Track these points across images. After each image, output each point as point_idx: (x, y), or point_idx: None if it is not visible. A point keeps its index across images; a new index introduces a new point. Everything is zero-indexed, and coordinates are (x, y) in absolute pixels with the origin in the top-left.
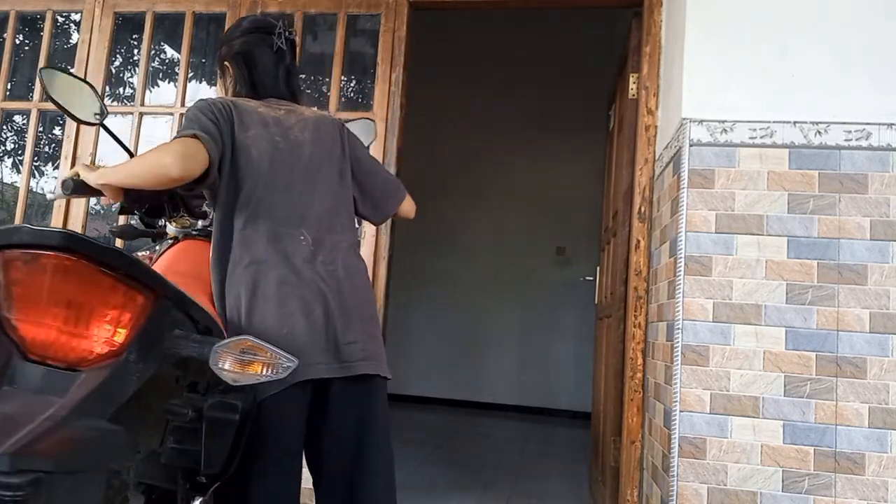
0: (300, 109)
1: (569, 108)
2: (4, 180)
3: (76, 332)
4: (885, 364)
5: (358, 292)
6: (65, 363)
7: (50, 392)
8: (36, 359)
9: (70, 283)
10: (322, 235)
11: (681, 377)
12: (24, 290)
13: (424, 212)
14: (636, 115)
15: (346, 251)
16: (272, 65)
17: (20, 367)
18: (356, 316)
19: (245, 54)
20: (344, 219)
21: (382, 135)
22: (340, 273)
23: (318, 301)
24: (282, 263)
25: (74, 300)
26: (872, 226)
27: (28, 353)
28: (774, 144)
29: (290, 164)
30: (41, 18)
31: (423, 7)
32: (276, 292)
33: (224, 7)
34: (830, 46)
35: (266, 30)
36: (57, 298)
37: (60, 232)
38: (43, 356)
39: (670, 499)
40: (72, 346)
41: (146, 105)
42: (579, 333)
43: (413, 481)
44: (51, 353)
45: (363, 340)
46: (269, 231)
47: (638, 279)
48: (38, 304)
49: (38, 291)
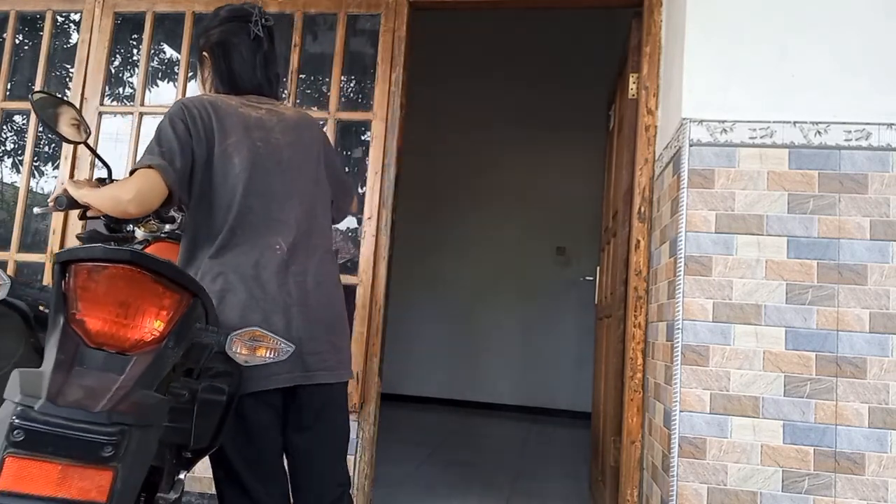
0: (280, 108)
1: (569, 108)
2: (4, 180)
3: (128, 325)
4: (885, 364)
5: (325, 303)
6: (119, 349)
7: (111, 371)
8: (95, 346)
9: (126, 288)
10: (298, 240)
11: (681, 377)
12: (89, 294)
13: (424, 212)
14: (636, 115)
15: (322, 256)
16: (251, 53)
17: (86, 352)
18: (321, 327)
19: (224, 44)
20: (321, 221)
21: (382, 135)
22: (310, 284)
23: (279, 314)
24: (250, 277)
25: (127, 300)
26: (872, 226)
27: (91, 341)
28: (774, 144)
29: (270, 169)
30: (41, 18)
31: (423, 7)
32: (240, 303)
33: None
34: (830, 46)
35: (244, 18)
36: (114, 299)
37: (128, 250)
38: (101, 343)
39: (670, 499)
40: (126, 336)
41: (146, 105)
42: (579, 333)
43: (413, 481)
44: (108, 341)
45: (325, 350)
46: (245, 240)
47: (638, 279)
48: (99, 303)
49: (100, 294)
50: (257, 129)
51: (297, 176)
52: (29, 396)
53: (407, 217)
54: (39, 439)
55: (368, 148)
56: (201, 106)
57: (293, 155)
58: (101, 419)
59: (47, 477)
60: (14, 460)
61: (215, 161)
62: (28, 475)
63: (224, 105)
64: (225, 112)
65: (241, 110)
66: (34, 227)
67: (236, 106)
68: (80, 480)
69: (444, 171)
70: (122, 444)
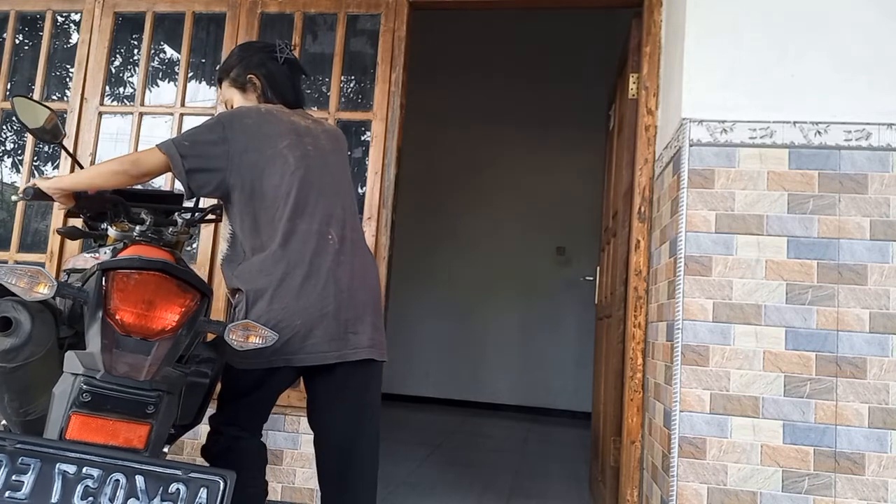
0: (320, 121)
1: (569, 108)
2: (4, 180)
3: (153, 317)
4: (885, 364)
5: (367, 288)
6: (145, 336)
7: (140, 352)
8: (125, 333)
9: (153, 289)
10: (345, 233)
11: (681, 377)
12: (124, 294)
13: (424, 212)
14: (636, 115)
15: (362, 247)
16: (287, 79)
17: (121, 338)
18: (367, 310)
19: (267, 69)
20: (357, 218)
21: (382, 135)
22: (357, 270)
23: (331, 298)
24: (307, 263)
25: (153, 299)
26: (872, 226)
27: (122, 330)
28: (774, 144)
29: (320, 169)
30: (41, 18)
31: (423, 7)
32: (298, 287)
33: (224, 7)
34: (830, 46)
35: (272, 50)
36: (143, 298)
37: (161, 260)
38: (131, 332)
39: (670, 499)
40: (150, 326)
41: (146, 105)
42: (579, 333)
43: (413, 481)
44: (137, 331)
45: (370, 331)
46: (305, 230)
47: (638, 279)
48: (131, 301)
49: (132, 294)
50: (307, 136)
51: (339, 177)
52: (90, 369)
53: (407, 217)
54: (101, 400)
55: (368, 148)
56: (253, 115)
57: (335, 159)
58: (145, 385)
59: (102, 429)
60: (78, 417)
61: (268, 160)
62: (88, 428)
63: (279, 113)
64: (279, 119)
65: (293, 118)
66: (34, 227)
67: (289, 114)
68: (126, 432)
69: (444, 171)
70: (159, 405)
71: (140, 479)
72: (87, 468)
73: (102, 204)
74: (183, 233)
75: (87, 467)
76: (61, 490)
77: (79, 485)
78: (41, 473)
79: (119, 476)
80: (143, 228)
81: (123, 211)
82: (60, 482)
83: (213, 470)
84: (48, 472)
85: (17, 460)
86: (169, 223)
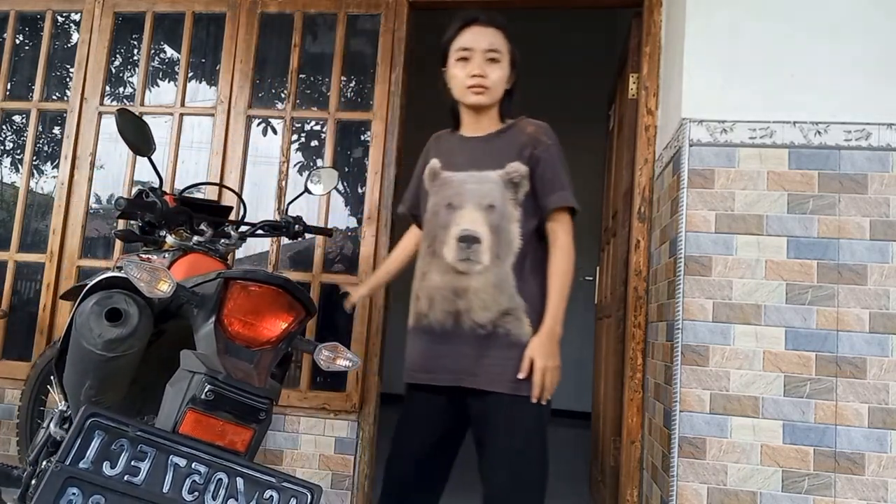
0: None
1: (568, 108)
2: (4, 180)
3: (259, 328)
4: (885, 364)
5: None
6: (248, 345)
7: (245, 360)
8: (232, 341)
9: (268, 302)
10: None
11: (680, 377)
12: (237, 304)
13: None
14: (636, 115)
15: None
16: None
17: (231, 346)
18: None
19: None
20: None
21: (382, 135)
22: None
23: None
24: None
25: (263, 311)
26: (872, 226)
27: (232, 339)
28: (774, 144)
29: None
30: (41, 18)
31: (422, 7)
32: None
33: (224, 7)
34: (830, 46)
35: None
36: (254, 309)
37: (281, 276)
38: (235, 339)
39: (670, 499)
40: (255, 336)
41: (146, 105)
42: (579, 333)
43: None
44: (243, 340)
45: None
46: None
47: (638, 279)
48: (242, 311)
49: (246, 303)
50: None
51: None
52: (212, 370)
53: (407, 217)
54: (221, 400)
55: (368, 148)
56: None
57: None
58: (261, 392)
59: (212, 429)
60: (192, 413)
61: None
62: (201, 425)
63: None
64: None
65: None
66: (34, 228)
67: None
68: (232, 434)
69: None
70: (269, 412)
71: (240, 481)
72: (196, 463)
73: (177, 216)
74: (234, 245)
75: (196, 463)
76: (172, 481)
77: (187, 479)
78: (155, 463)
79: (222, 475)
80: (201, 239)
81: (187, 221)
82: (172, 474)
83: (303, 481)
84: (161, 463)
85: (136, 447)
86: (223, 235)
